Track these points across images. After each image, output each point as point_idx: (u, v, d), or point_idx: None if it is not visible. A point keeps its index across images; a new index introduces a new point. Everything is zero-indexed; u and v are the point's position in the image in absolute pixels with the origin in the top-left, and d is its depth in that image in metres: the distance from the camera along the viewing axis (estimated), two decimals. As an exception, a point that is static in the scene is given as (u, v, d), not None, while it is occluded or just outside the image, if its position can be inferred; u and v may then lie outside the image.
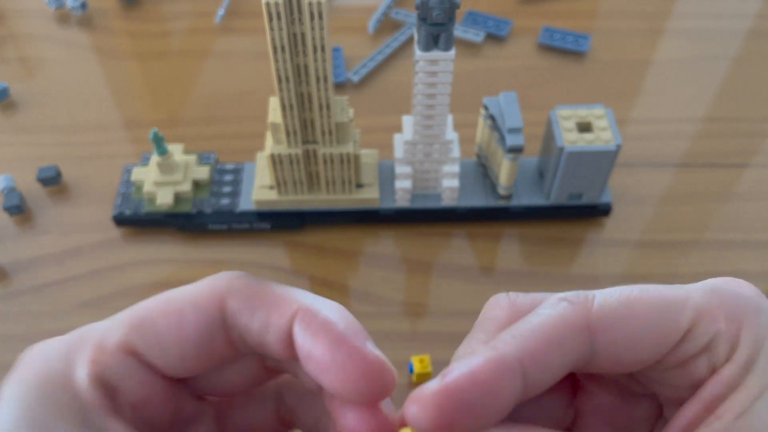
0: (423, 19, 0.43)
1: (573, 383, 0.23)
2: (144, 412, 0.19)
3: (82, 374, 0.18)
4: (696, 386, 0.19)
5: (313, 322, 0.18)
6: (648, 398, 0.22)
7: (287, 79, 0.44)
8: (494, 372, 0.17)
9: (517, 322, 0.19)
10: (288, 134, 0.48)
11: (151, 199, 0.53)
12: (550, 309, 0.19)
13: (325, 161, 0.50)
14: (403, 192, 0.52)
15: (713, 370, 0.19)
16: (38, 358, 0.18)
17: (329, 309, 0.19)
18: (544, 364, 0.18)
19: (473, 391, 0.17)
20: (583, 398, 0.23)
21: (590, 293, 0.19)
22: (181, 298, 0.19)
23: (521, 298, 0.21)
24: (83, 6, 0.70)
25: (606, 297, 0.19)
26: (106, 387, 0.18)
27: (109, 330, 0.19)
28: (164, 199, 0.52)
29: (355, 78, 0.64)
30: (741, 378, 0.18)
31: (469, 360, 0.17)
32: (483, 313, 0.21)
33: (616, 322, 0.19)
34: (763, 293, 0.20)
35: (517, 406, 0.19)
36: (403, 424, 0.18)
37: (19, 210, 0.54)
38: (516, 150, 0.49)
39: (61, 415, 0.17)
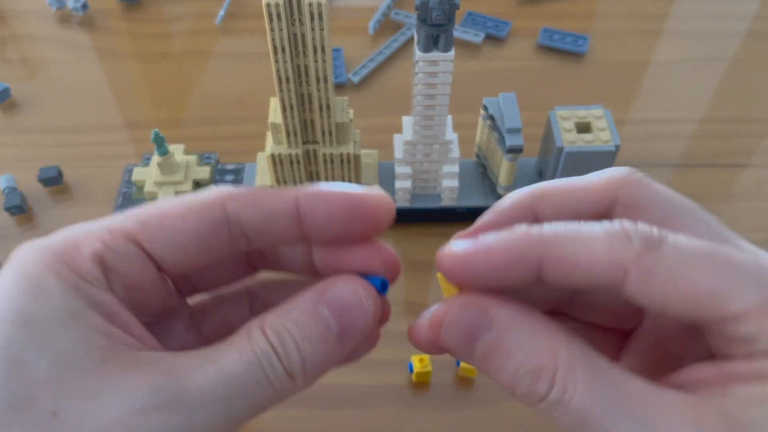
0: (423, 20, 0.43)
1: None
2: (134, 295, 0.20)
3: (85, 251, 0.19)
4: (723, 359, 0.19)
5: (315, 193, 0.21)
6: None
7: (287, 79, 0.44)
8: (511, 262, 0.19)
9: (568, 223, 0.20)
10: (288, 135, 0.48)
11: (152, 200, 0.53)
12: (604, 233, 0.19)
13: (325, 161, 0.50)
14: (403, 192, 0.52)
15: (749, 357, 0.18)
16: (44, 240, 0.19)
17: (327, 184, 0.21)
18: (564, 273, 0.19)
19: (484, 271, 0.20)
20: (649, 314, 0.23)
21: (663, 234, 0.19)
22: (188, 198, 0.21)
23: (642, 181, 0.21)
24: (84, 7, 0.70)
25: (671, 250, 0.18)
26: (105, 264, 0.19)
27: (117, 220, 0.20)
28: (165, 199, 0.52)
29: (355, 79, 0.64)
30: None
31: (500, 237, 0.20)
32: (599, 173, 0.22)
33: (661, 280, 0.18)
34: None
35: (575, 298, 0.23)
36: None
37: (21, 210, 0.55)
38: (515, 150, 0.49)
39: (56, 277, 0.18)
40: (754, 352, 0.18)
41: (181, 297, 0.23)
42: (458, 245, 0.20)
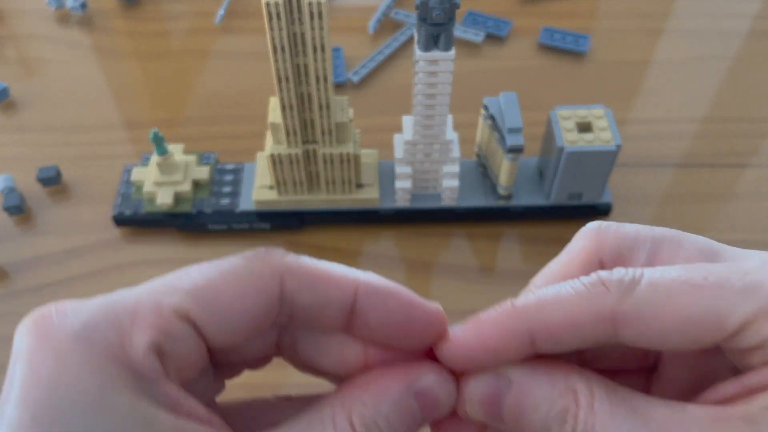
0: (423, 19, 0.43)
1: None
2: (184, 375, 0.19)
3: (139, 343, 0.17)
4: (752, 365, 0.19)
5: (376, 291, 0.20)
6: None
7: (287, 79, 0.44)
8: (503, 338, 0.19)
9: (549, 287, 0.20)
10: (288, 134, 0.48)
11: (151, 199, 0.53)
12: (583, 289, 0.19)
13: (325, 161, 0.50)
14: (403, 192, 0.52)
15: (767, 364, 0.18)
16: (81, 327, 0.17)
17: (387, 283, 0.20)
18: (555, 341, 0.19)
19: (481, 354, 0.20)
20: None
21: (639, 274, 0.19)
22: (242, 273, 0.19)
23: (611, 230, 0.21)
24: (83, 6, 0.70)
25: (650, 285, 0.18)
26: (161, 352, 0.18)
27: (165, 294, 0.18)
28: (164, 199, 0.52)
29: (355, 78, 0.64)
30: None
31: (486, 322, 0.20)
32: (572, 240, 0.23)
33: (649, 318, 0.18)
34: None
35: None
36: None
37: (19, 210, 0.54)
38: (516, 150, 0.49)
39: (119, 387, 0.16)
40: None
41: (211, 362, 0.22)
42: (453, 331, 0.20)
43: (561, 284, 0.20)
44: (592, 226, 0.22)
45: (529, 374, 0.20)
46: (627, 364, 0.24)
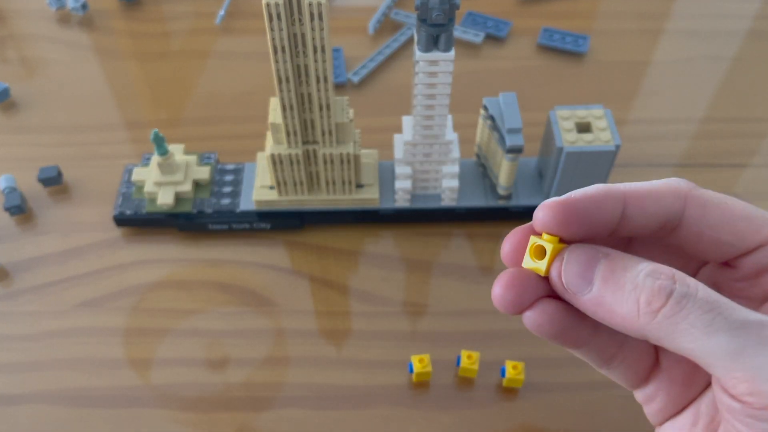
0: (423, 19, 0.43)
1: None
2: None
3: None
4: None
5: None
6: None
7: (287, 79, 0.44)
8: (603, 195, 0.22)
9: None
10: (288, 134, 0.48)
11: (152, 199, 0.53)
12: (662, 181, 0.23)
13: (325, 161, 0.50)
14: (402, 192, 0.52)
15: None
16: None
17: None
18: (641, 206, 0.22)
19: (586, 205, 0.22)
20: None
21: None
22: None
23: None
24: (84, 7, 0.70)
25: (709, 191, 0.23)
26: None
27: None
28: (165, 199, 0.52)
29: (355, 78, 0.64)
30: None
31: (587, 187, 0.23)
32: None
33: (710, 204, 0.22)
34: None
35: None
36: (536, 233, 0.23)
37: (20, 210, 0.54)
38: (515, 150, 0.49)
39: None
40: None
41: None
42: (552, 199, 0.23)
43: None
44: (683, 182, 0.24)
45: (622, 253, 0.22)
46: None
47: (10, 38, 0.69)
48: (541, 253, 0.22)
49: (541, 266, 0.22)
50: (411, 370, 0.46)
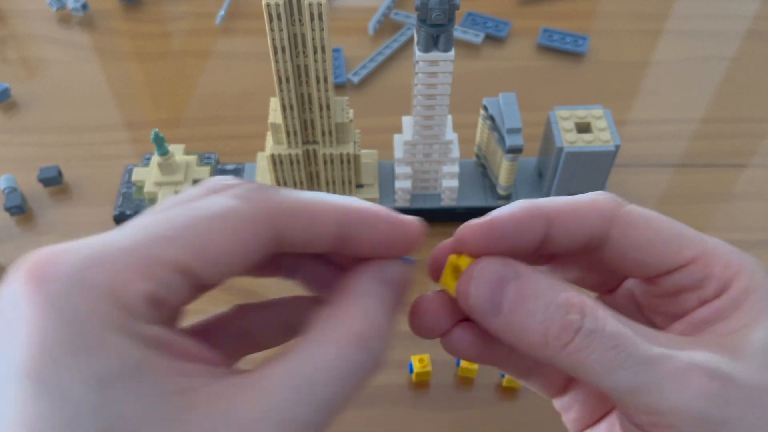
0: (423, 20, 0.43)
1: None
2: (176, 314, 0.20)
3: (136, 290, 0.17)
4: (684, 317, 0.22)
5: (361, 217, 0.22)
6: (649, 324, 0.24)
7: (287, 79, 0.44)
8: (527, 216, 0.22)
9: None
10: (288, 135, 0.48)
11: (152, 200, 0.53)
12: (588, 197, 0.23)
13: (325, 161, 0.50)
14: (402, 192, 0.52)
15: (702, 304, 0.22)
16: (81, 270, 0.17)
17: (371, 207, 0.22)
18: (565, 226, 0.22)
19: (508, 226, 0.22)
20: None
21: (626, 200, 0.23)
22: (236, 219, 0.19)
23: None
24: (84, 7, 0.70)
25: (635, 208, 0.23)
26: (158, 300, 0.18)
27: (161, 246, 0.19)
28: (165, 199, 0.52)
29: (355, 79, 0.64)
30: (729, 311, 0.21)
31: (511, 205, 0.23)
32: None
33: (634, 225, 0.22)
34: None
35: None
36: (456, 251, 0.23)
37: (21, 210, 0.55)
38: (515, 150, 0.49)
39: (115, 332, 0.16)
40: (705, 297, 0.21)
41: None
42: (475, 220, 0.22)
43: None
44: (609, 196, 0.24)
45: (535, 271, 0.21)
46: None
47: (11, 38, 0.69)
48: (457, 272, 0.22)
49: (452, 287, 0.22)
50: (411, 370, 0.46)
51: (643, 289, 0.24)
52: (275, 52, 0.43)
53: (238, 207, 0.20)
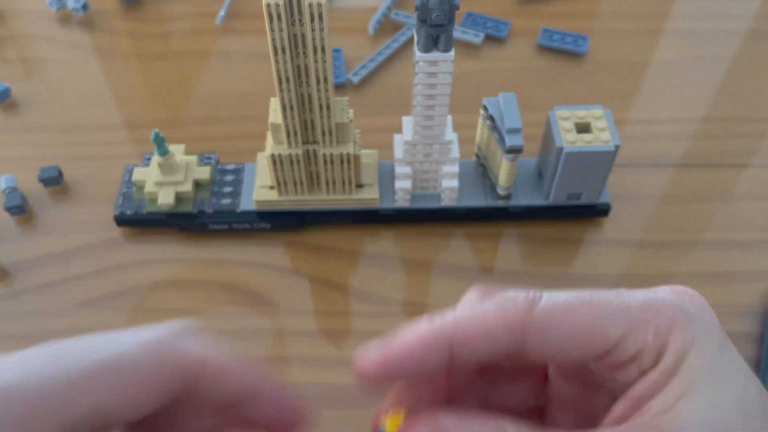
0: (423, 20, 0.43)
1: (544, 373, 0.26)
2: None
3: (53, 422, 0.18)
4: (630, 386, 0.22)
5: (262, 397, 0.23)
6: (607, 389, 0.24)
7: (287, 79, 0.44)
8: (424, 347, 0.21)
9: (463, 307, 0.22)
10: (288, 135, 0.48)
11: (153, 199, 0.53)
12: (496, 305, 0.22)
13: (325, 161, 0.50)
14: (402, 192, 0.52)
15: (643, 374, 0.21)
16: None
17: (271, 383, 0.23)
18: (472, 348, 0.21)
19: (405, 361, 0.21)
20: (552, 387, 0.26)
21: (540, 294, 0.22)
22: (149, 370, 0.20)
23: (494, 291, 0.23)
24: (84, 7, 0.70)
25: (550, 301, 0.22)
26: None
27: (76, 394, 0.19)
28: (165, 199, 0.52)
29: (355, 79, 0.64)
30: (665, 381, 0.21)
31: (410, 332, 0.22)
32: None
33: (548, 326, 0.21)
34: (707, 303, 0.22)
35: (492, 390, 0.25)
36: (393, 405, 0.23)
37: (21, 210, 0.55)
38: (515, 150, 0.49)
39: None
40: (644, 368, 0.21)
41: None
42: (371, 348, 0.22)
43: (477, 303, 0.22)
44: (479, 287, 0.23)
45: (461, 419, 0.21)
46: (522, 403, 0.26)
47: (11, 38, 0.69)
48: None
49: None
50: None
51: (591, 364, 0.24)
52: (275, 53, 0.43)
53: (150, 356, 0.20)
